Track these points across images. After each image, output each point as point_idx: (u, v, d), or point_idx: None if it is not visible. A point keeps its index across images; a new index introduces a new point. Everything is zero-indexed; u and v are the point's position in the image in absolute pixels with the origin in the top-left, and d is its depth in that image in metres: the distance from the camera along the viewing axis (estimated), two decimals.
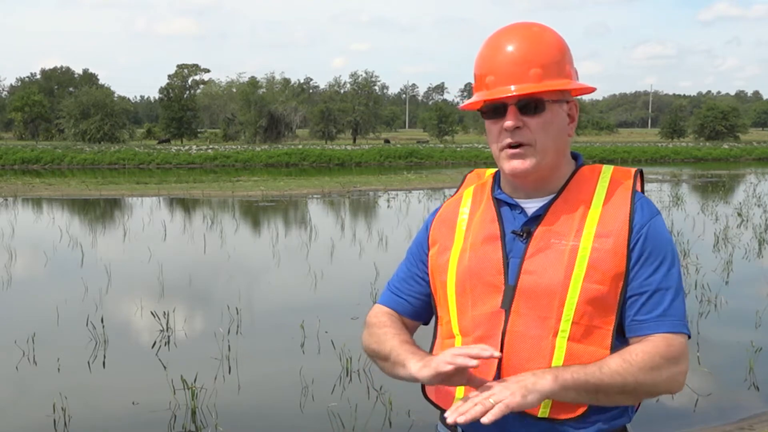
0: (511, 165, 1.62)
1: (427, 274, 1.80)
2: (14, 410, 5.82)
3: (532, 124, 1.61)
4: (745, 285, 9.90)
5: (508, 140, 1.62)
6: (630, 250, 1.58)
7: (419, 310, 1.83)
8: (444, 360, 1.53)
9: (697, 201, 21.75)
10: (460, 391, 1.67)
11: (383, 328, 1.78)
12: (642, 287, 1.58)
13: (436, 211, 1.85)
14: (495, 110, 1.64)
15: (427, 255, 1.79)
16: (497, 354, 1.51)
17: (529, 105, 1.60)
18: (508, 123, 1.61)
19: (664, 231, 1.63)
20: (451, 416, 1.47)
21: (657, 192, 24.31)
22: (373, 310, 1.88)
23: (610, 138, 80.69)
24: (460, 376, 1.54)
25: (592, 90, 1.71)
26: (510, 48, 1.62)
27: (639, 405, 1.74)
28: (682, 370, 1.58)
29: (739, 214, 17.26)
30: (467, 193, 1.79)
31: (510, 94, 1.59)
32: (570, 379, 1.50)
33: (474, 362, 1.49)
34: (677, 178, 33.27)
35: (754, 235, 13.94)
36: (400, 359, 1.67)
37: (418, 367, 1.60)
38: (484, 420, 1.45)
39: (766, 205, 19.77)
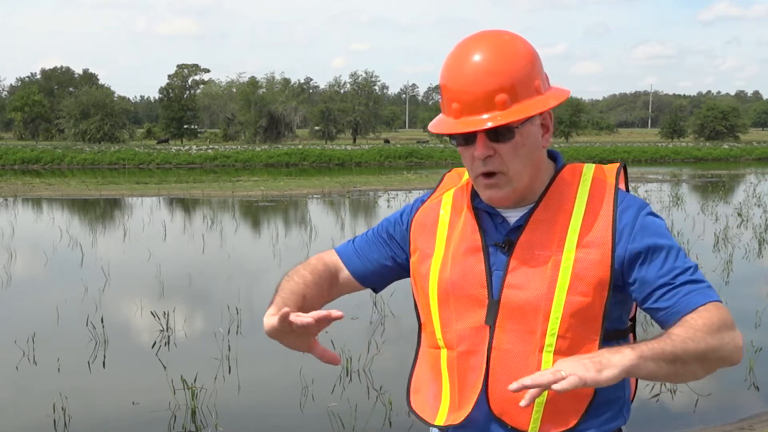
0: (487, 195, 1.60)
1: (392, 248, 1.78)
2: (14, 410, 5.82)
3: (503, 151, 1.55)
4: (745, 285, 9.90)
5: (481, 169, 1.58)
6: (614, 259, 1.54)
7: (370, 275, 1.80)
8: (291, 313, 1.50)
9: (697, 201, 21.74)
10: (444, 403, 1.65)
11: (301, 274, 1.73)
12: (660, 278, 1.53)
13: (420, 202, 1.80)
14: (463, 138, 1.59)
15: (408, 256, 1.76)
16: (338, 313, 1.50)
17: (498, 132, 1.54)
18: (478, 153, 1.56)
19: (654, 221, 1.59)
20: (513, 385, 1.36)
21: (657, 192, 24.31)
22: (324, 253, 1.84)
23: (610, 138, 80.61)
24: (301, 338, 1.55)
25: (566, 95, 1.62)
26: (471, 74, 1.53)
27: (633, 398, 1.73)
28: (738, 335, 1.50)
29: (739, 214, 17.26)
30: (447, 197, 1.75)
31: (474, 129, 1.53)
32: (647, 349, 1.40)
33: (309, 319, 1.49)
34: (677, 178, 33.27)
35: (754, 235, 13.94)
36: (271, 301, 1.64)
37: (270, 310, 1.57)
38: (556, 387, 1.32)
39: (766, 205, 19.77)
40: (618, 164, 1.68)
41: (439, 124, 1.63)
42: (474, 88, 1.53)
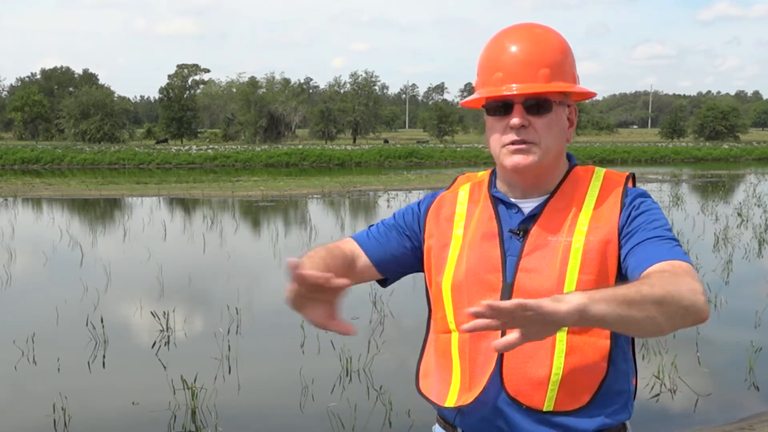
0: (514, 160, 1.64)
1: (408, 236, 1.80)
2: (14, 410, 5.82)
3: (538, 124, 1.63)
4: (745, 285, 9.90)
5: (513, 137, 1.63)
6: (619, 233, 1.61)
7: (386, 262, 1.80)
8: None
9: (697, 201, 21.75)
10: (455, 385, 1.66)
11: (321, 254, 1.70)
12: (637, 239, 1.57)
13: (434, 196, 1.84)
14: (500, 107, 1.65)
15: (423, 243, 1.79)
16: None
17: (536, 105, 1.62)
18: (515, 121, 1.62)
19: (652, 203, 1.65)
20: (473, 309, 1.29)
21: (657, 192, 24.30)
22: (340, 241, 1.84)
23: (610, 138, 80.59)
24: (320, 307, 1.48)
25: (593, 95, 1.74)
26: (517, 48, 1.64)
27: (635, 395, 1.74)
28: (701, 288, 1.46)
29: (739, 214, 17.26)
30: (464, 189, 1.80)
31: (520, 92, 1.61)
32: (598, 292, 1.38)
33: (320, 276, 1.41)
34: (677, 178, 33.27)
35: (754, 235, 13.93)
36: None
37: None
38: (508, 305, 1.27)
39: (766, 205, 19.76)
40: (628, 172, 1.76)
41: (477, 93, 1.69)
42: (520, 59, 1.63)
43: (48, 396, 5.62)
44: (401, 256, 1.81)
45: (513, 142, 1.63)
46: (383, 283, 1.88)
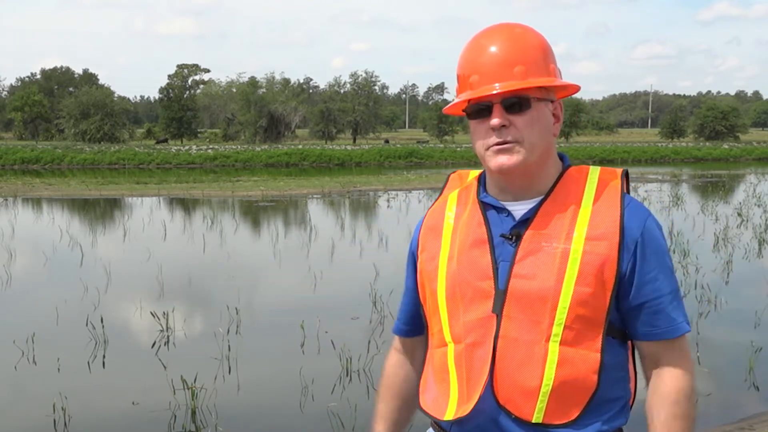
0: (498, 161, 1.60)
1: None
2: (14, 410, 5.82)
3: (519, 122, 1.59)
4: (745, 285, 9.89)
5: (495, 139, 1.60)
6: (621, 253, 1.58)
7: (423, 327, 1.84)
8: None
9: (697, 201, 21.75)
10: (453, 397, 1.66)
11: (383, 389, 1.91)
12: (648, 295, 1.59)
13: (422, 221, 1.82)
14: (480, 110, 1.62)
15: (417, 264, 1.78)
16: None
17: (515, 103, 1.59)
18: (495, 121, 1.59)
19: (658, 232, 1.63)
20: None
21: (657, 192, 24.31)
22: (389, 351, 1.93)
23: (610, 138, 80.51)
24: None
25: (576, 89, 1.70)
26: (493, 48, 1.61)
27: (633, 403, 1.73)
28: (692, 369, 1.64)
29: (739, 214, 17.26)
30: (452, 197, 1.77)
31: (495, 92, 1.58)
32: None
33: None
34: (677, 178, 33.27)
35: (754, 235, 13.93)
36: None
37: None
38: None
39: (766, 205, 19.76)
40: (622, 169, 1.72)
41: (456, 100, 1.69)
42: (494, 59, 1.61)
43: (48, 396, 5.63)
44: None
45: (496, 144, 1.60)
46: None
